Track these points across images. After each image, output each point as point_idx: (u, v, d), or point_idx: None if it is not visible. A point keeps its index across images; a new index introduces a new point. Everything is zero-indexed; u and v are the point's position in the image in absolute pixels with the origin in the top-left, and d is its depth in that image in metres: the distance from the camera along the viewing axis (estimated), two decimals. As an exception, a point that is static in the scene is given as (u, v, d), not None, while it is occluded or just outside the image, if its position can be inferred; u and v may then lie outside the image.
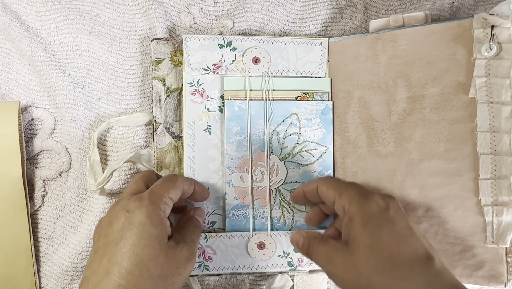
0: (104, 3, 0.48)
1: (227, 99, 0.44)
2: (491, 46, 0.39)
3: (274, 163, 0.45)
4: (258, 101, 0.45)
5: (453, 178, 0.40)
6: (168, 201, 0.37)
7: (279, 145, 0.45)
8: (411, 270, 0.33)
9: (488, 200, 0.39)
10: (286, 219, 0.45)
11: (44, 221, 0.47)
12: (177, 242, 0.37)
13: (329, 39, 0.46)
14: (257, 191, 0.45)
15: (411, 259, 0.33)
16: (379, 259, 0.33)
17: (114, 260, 0.34)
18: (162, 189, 0.37)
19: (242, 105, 0.44)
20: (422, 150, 0.42)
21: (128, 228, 0.35)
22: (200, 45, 0.45)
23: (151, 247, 0.34)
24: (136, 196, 0.37)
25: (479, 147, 0.39)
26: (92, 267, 0.35)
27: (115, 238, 0.35)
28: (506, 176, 0.38)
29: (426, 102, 0.42)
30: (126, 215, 0.35)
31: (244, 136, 0.44)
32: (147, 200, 0.36)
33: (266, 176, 0.45)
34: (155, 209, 0.36)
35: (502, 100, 0.39)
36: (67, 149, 0.47)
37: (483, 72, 0.39)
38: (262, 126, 0.45)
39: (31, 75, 0.47)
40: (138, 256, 0.34)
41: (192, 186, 0.41)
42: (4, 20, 0.46)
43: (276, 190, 0.45)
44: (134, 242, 0.34)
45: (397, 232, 0.35)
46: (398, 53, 0.43)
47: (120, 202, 0.37)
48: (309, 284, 0.46)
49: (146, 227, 0.35)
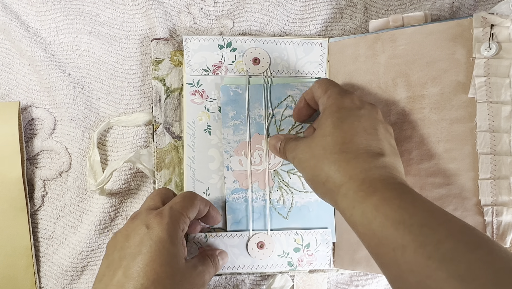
0: (104, 3, 0.48)
1: (223, 84, 0.44)
2: (490, 46, 0.39)
3: None
4: (254, 85, 0.45)
5: (453, 178, 0.40)
6: (186, 220, 0.37)
7: (276, 127, 0.45)
8: (356, 157, 0.34)
9: (488, 200, 0.39)
10: (286, 200, 0.45)
11: (44, 221, 0.47)
12: (195, 266, 0.37)
13: (329, 39, 0.46)
14: (255, 173, 0.45)
15: (361, 149, 0.35)
16: (331, 142, 0.36)
17: (129, 274, 0.33)
18: (182, 208, 0.37)
19: (238, 89, 0.44)
20: (421, 149, 0.42)
21: (147, 243, 0.34)
22: (200, 46, 0.45)
23: (169, 265, 0.34)
24: (156, 211, 0.36)
25: (479, 147, 0.39)
26: (104, 281, 0.34)
27: (132, 252, 0.34)
28: (506, 176, 0.38)
29: (426, 102, 0.42)
30: (146, 230, 0.35)
31: (241, 120, 0.44)
32: (167, 217, 0.35)
33: (264, 159, 0.45)
34: (175, 227, 0.35)
35: (501, 100, 0.39)
36: (67, 149, 0.47)
37: (482, 72, 0.39)
38: (257, 109, 0.45)
39: (31, 75, 0.47)
40: (155, 272, 0.33)
41: (207, 208, 0.40)
42: (4, 20, 0.46)
43: (274, 172, 0.45)
44: (152, 258, 0.33)
45: (359, 127, 0.36)
46: (398, 53, 0.43)
47: (139, 216, 0.36)
48: (309, 284, 0.46)
49: (166, 244, 0.34)
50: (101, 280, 0.34)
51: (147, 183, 0.47)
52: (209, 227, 0.44)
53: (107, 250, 0.36)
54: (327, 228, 0.45)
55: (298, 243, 0.44)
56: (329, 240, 0.45)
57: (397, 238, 0.29)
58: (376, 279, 0.47)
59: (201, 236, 0.44)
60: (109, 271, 0.34)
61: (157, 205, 0.38)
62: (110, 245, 0.36)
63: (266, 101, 0.45)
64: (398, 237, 0.29)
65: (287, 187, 0.45)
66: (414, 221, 0.30)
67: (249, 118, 0.45)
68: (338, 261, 0.45)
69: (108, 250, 0.36)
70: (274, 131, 0.45)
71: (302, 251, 0.45)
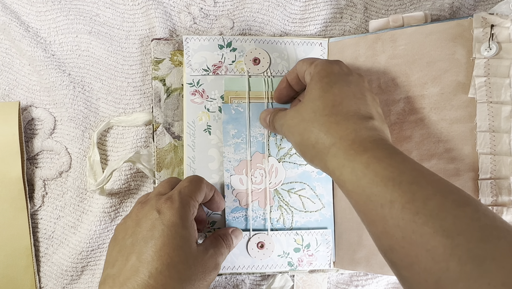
0: (104, 3, 0.48)
1: (226, 102, 0.45)
2: (490, 46, 0.39)
3: (273, 165, 0.45)
4: (255, 104, 0.45)
5: (453, 178, 0.40)
6: (195, 204, 0.37)
7: (276, 146, 0.45)
8: (346, 119, 0.34)
9: (488, 200, 0.39)
10: (286, 219, 0.45)
11: (44, 221, 0.47)
12: (206, 248, 0.37)
13: (329, 39, 0.46)
14: (256, 192, 0.45)
15: (350, 112, 0.35)
16: (321, 105, 0.35)
17: (143, 259, 0.33)
18: (190, 191, 0.37)
19: (239, 108, 0.45)
20: (421, 149, 0.42)
21: (160, 228, 0.34)
22: (200, 46, 0.45)
23: (182, 249, 0.34)
24: (166, 196, 0.36)
25: (479, 147, 0.39)
26: (117, 265, 0.34)
27: (144, 237, 0.34)
28: (506, 176, 0.38)
29: (426, 102, 0.42)
30: (157, 215, 0.35)
31: (242, 138, 0.44)
32: (178, 202, 0.36)
33: (265, 178, 0.45)
34: (186, 211, 0.36)
35: (501, 100, 0.39)
36: (67, 149, 0.47)
37: (482, 72, 0.39)
38: (259, 128, 0.45)
39: (31, 75, 0.47)
40: (169, 256, 0.34)
41: (212, 192, 0.41)
42: (4, 20, 0.46)
43: (275, 191, 0.45)
44: (165, 242, 0.34)
45: (348, 91, 0.36)
46: (398, 53, 0.43)
47: (149, 202, 0.37)
48: (309, 284, 0.46)
49: (178, 228, 0.35)
50: (114, 265, 0.34)
51: (147, 183, 0.47)
52: (209, 226, 0.44)
53: (117, 234, 0.37)
54: (327, 228, 0.45)
55: (298, 243, 0.45)
56: (329, 240, 0.45)
57: (386, 194, 0.30)
58: (376, 279, 0.47)
59: (201, 236, 0.44)
60: (121, 256, 0.34)
61: (166, 191, 0.38)
62: (119, 230, 0.37)
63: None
64: (387, 193, 0.30)
65: (287, 206, 0.45)
66: (404, 179, 0.30)
67: (249, 137, 0.45)
68: (338, 261, 0.45)
69: (118, 234, 0.36)
70: (275, 150, 0.45)
71: (302, 251, 0.45)
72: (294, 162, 0.45)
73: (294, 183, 0.45)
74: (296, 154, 0.45)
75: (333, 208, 0.45)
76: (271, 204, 0.45)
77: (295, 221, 0.45)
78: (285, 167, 0.45)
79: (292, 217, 0.45)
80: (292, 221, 0.45)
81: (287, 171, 0.45)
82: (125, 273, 0.33)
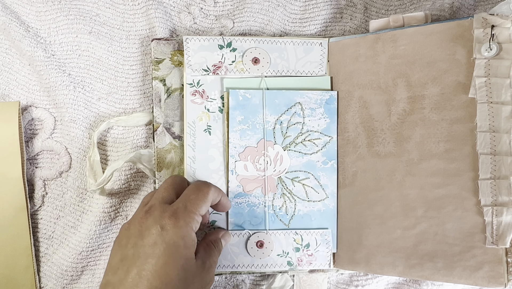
0: (104, 3, 0.48)
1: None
2: (491, 46, 0.39)
3: (278, 152, 0.45)
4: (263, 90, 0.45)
5: (453, 178, 0.40)
6: (199, 219, 0.37)
7: (282, 134, 0.45)
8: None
9: (488, 200, 0.39)
10: (288, 208, 0.45)
11: (44, 221, 0.47)
12: (204, 262, 0.38)
13: (329, 39, 0.46)
14: (259, 179, 0.45)
15: None
16: None
17: (144, 275, 0.34)
18: (195, 206, 0.37)
19: (246, 94, 0.45)
20: (421, 149, 0.42)
21: (161, 245, 0.35)
22: (200, 46, 0.45)
23: (182, 268, 0.35)
24: (171, 211, 0.36)
25: (479, 147, 0.39)
26: (118, 274, 0.34)
27: (146, 252, 0.34)
28: (506, 176, 0.38)
29: (426, 102, 0.42)
30: (160, 231, 0.35)
31: (248, 125, 0.44)
32: (182, 220, 0.36)
33: (269, 165, 0.45)
34: (189, 230, 0.36)
35: (502, 100, 0.39)
36: (67, 149, 0.47)
37: (483, 72, 0.39)
38: (266, 115, 0.45)
39: (31, 75, 0.47)
40: (168, 275, 0.34)
41: (219, 197, 0.41)
42: (4, 20, 0.46)
43: (278, 179, 0.45)
44: (166, 261, 0.34)
45: None
46: (398, 53, 0.43)
47: (152, 212, 0.36)
48: (309, 284, 0.46)
49: (180, 249, 0.35)
50: (115, 273, 0.35)
51: (147, 183, 0.47)
52: (209, 225, 0.44)
53: (121, 238, 0.37)
54: (327, 228, 0.45)
55: (297, 243, 0.45)
56: (329, 240, 0.45)
57: None
58: (376, 279, 0.47)
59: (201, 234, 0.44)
60: (123, 266, 0.35)
61: (171, 197, 0.38)
62: (123, 234, 0.37)
63: (264, 110, 0.45)
64: None
65: (291, 194, 0.45)
66: None
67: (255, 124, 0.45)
68: (338, 261, 0.45)
69: (122, 239, 0.36)
70: (280, 137, 0.45)
71: (302, 251, 0.45)
72: (299, 150, 0.45)
73: (299, 171, 0.45)
74: (302, 143, 0.45)
75: (336, 199, 0.45)
76: (274, 191, 0.45)
77: (297, 210, 0.45)
78: (290, 156, 0.45)
79: (295, 206, 0.45)
80: (294, 209, 0.45)
81: (292, 160, 0.45)
82: (125, 284, 0.34)
